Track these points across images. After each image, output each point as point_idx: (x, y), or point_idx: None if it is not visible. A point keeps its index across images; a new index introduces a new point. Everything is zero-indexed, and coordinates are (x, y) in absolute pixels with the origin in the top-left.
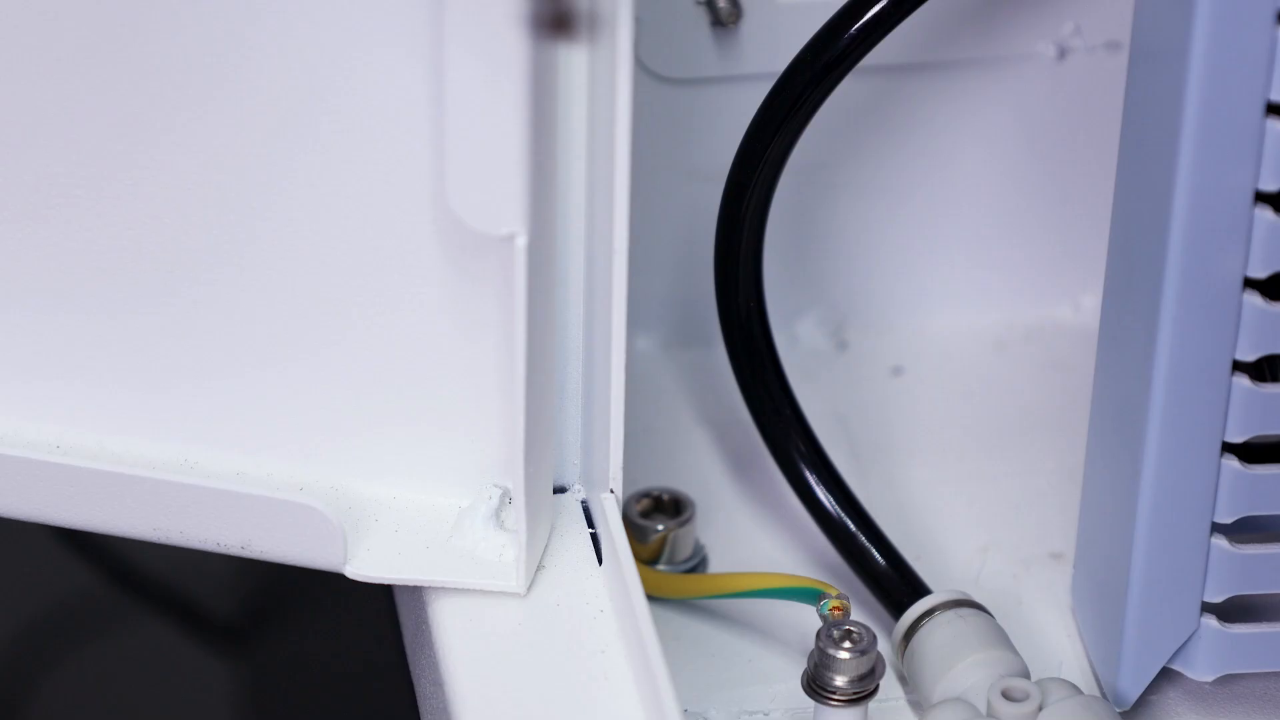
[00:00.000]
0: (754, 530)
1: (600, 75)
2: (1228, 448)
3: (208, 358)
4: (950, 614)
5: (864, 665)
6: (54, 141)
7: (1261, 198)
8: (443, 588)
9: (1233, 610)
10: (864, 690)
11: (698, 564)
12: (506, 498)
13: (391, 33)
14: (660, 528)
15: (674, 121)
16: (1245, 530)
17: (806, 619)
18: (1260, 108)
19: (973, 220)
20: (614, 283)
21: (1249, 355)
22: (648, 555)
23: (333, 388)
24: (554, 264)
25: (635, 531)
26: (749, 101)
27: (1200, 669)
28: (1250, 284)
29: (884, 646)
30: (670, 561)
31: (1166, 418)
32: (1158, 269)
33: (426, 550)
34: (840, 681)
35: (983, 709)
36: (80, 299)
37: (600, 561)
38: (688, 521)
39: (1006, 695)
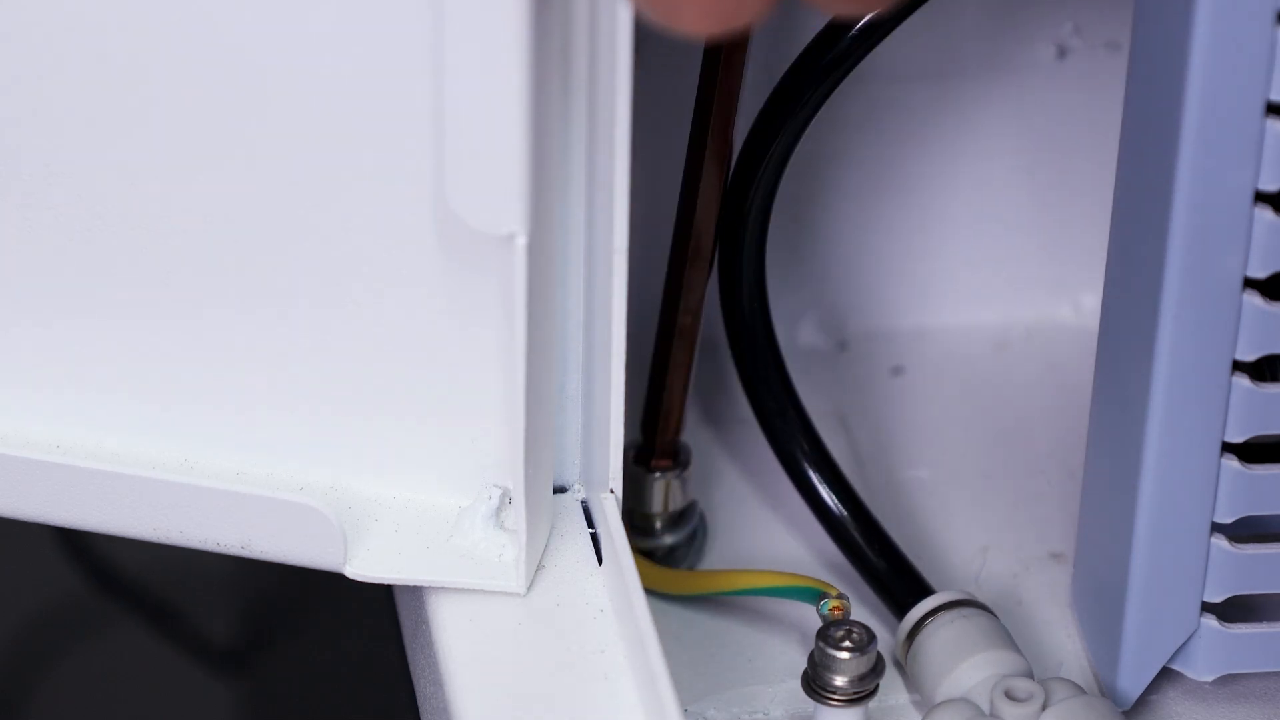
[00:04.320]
0: (757, 529)
1: (600, 75)
2: (1228, 448)
3: (207, 358)
4: (954, 614)
5: (863, 665)
6: (53, 141)
7: (1261, 198)
8: (443, 588)
9: (1233, 610)
10: (864, 690)
11: (696, 529)
12: (506, 498)
13: (392, 33)
14: (658, 475)
15: (675, 121)
16: (1245, 530)
17: (806, 619)
18: (1260, 108)
19: (973, 220)
20: (614, 283)
21: (1249, 355)
22: (648, 503)
23: (333, 388)
24: (554, 264)
25: (632, 482)
26: (751, 103)
27: (1200, 669)
28: (1250, 284)
29: (887, 646)
30: (667, 510)
31: (1166, 418)
32: (1158, 269)
33: (426, 550)
34: (840, 681)
35: (986, 709)
36: (80, 300)
37: (600, 561)
38: (685, 467)
39: (1009, 695)
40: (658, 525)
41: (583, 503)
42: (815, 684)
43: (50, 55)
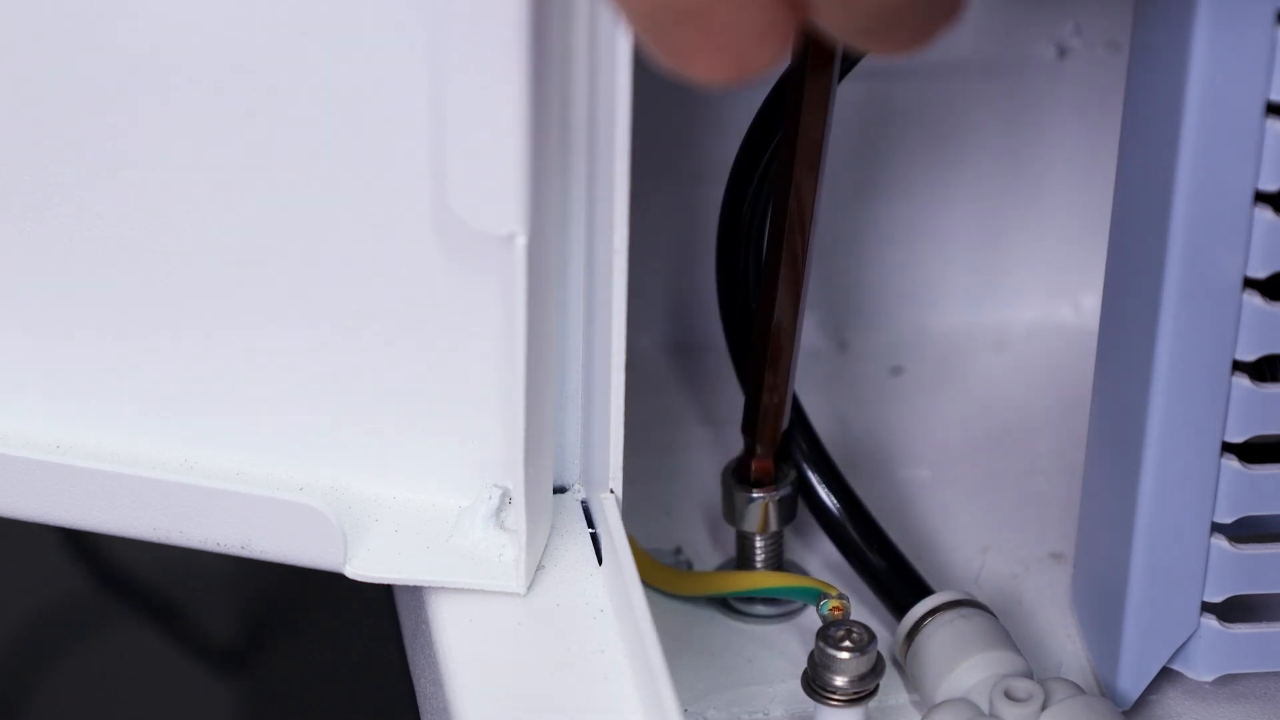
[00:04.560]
0: None
1: (600, 75)
2: (1228, 448)
3: (208, 358)
4: (953, 614)
5: (863, 665)
6: (55, 144)
7: (1261, 198)
8: (443, 588)
9: (1233, 610)
10: (864, 690)
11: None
12: (506, 498)
13: (392, 34)
14: (758, 495)
15: (674, 121)
16: (1245, 530)
17: (806, 619)
18: (1260, 108)
19: (972, 220)
20: (614, 283)
21: (1249, 355)
22: (754, 526)
23: (333, 388)
24: (554, 264)
25: (728, 499)
26: (750, 101)
27: (1200, 669)
28: (1250, 284)
29: (887, 646)
30: (766, 531)
31: (1166, 418)
32: (1158, 269)
33: (426, 550)
34: (840, 681)
35: (985, 709)
36: (80, 301)
37: (600, 561)
38: (788, 483)
39: (1009, 695)
40: (758, 549)
41: (583, 503)
42: (815, 684)
43: (50, 66)
